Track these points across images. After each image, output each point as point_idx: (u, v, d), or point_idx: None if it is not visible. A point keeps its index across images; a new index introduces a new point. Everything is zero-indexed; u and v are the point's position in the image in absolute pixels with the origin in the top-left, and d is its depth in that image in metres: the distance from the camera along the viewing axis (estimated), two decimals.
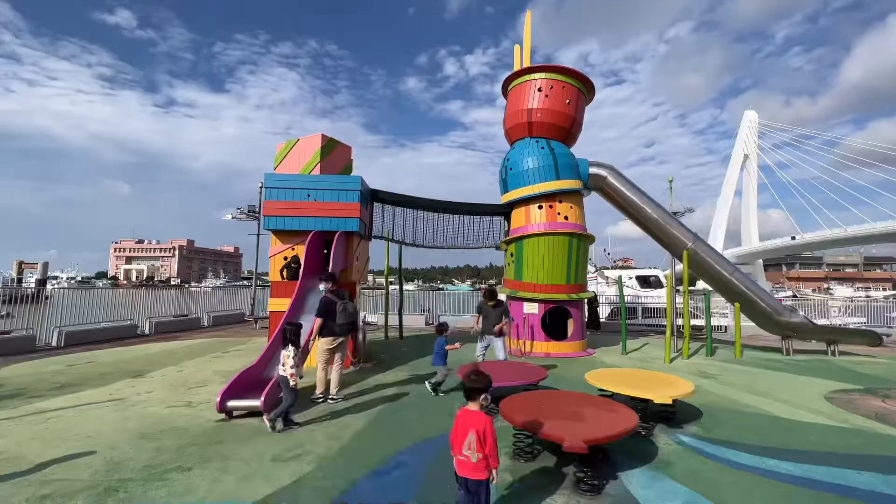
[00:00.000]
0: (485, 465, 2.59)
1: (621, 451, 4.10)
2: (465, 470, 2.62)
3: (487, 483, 2.64)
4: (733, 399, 6.20)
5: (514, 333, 9.96)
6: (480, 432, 2.59)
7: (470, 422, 2.65)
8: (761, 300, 10.18)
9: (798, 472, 3.77)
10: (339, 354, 5.92)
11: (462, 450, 2.62)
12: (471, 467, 2.60)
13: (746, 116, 68.26)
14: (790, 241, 62.11)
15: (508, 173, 10.37)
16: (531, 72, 10.14)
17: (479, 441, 2.57)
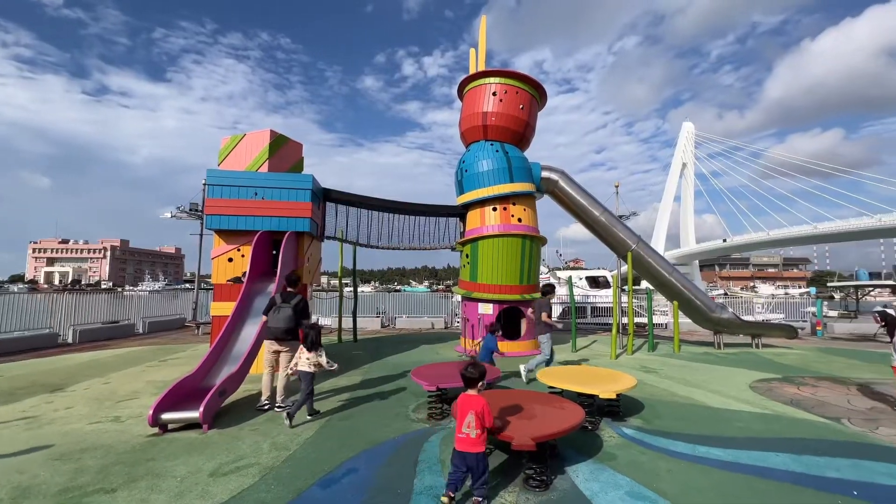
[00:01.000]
0: (482, 441, 3.11)
1: (569, 446, 4.23)
2: (464, 445, 3.09)
3: (485, 456, 3.10)
4: (671, 391, 6.61)
5: (468, 333, 10.04)
6: (479, 412, 3.14)
7: (470, 404, 3.19)
8: (696, 298, 10.95)
9: (726, 457, 4.06)
10: (285, 359, 5.65)
11: (462, 428, 3.12)
12: (470, 442, 3.09)
13: (684, 127, 73.55)
14: (722, 243, 67.75)
15: (464, 175, 10.45)
16: (486, 76, 10.29)
17: (478, 419, 3.10)
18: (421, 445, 4.31)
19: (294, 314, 5.54)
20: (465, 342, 10.20)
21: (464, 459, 3.08)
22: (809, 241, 61.87)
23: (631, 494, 3.32)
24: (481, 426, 3.13)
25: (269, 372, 5.64)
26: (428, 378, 5.31)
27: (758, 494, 3.34)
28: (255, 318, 6.58)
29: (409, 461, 3.93)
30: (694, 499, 3.26)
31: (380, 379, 7.32)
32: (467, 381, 3.37)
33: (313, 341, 5.15)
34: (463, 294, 10.30)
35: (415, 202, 11.13)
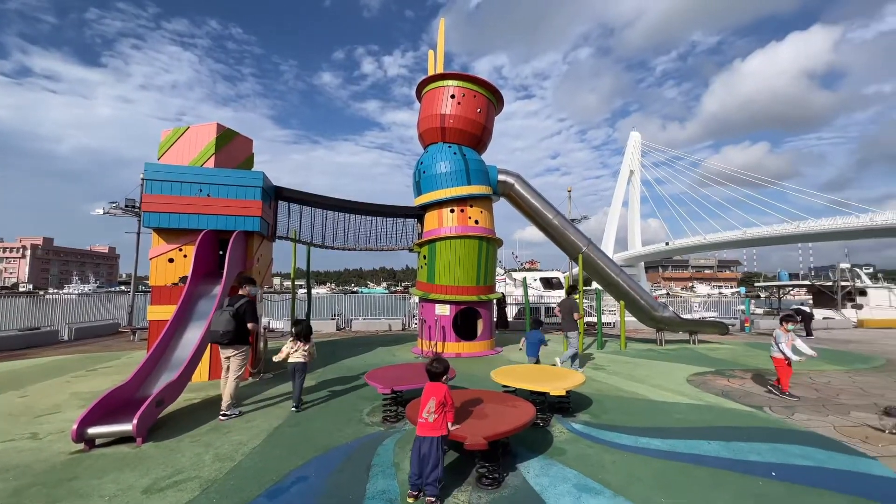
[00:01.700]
0: (439, 425, 3.27)
1: (521, 443, 4.34)
2: (423, 430, 3.26)
3: (440, 443, 3.24)
4: (618, 387, 6.95)
5: (425, 335, 10.03)
6: (440, 398, 3.32)
7: (432, 391, 3.37)
8: (641, 298, 11.61)
9: (665, 447, 4.33)
10: (233, 364, 5.40)
11: (422, 413, 3.29)
12: (429, 427, 3.26)
13: (632, 137, 77.79)
14: (665, 246, 72.36)
15: (422, 176, 10.44)
16: (445, 78, 10.35)
17: (438, 405, 3.29)
18: (375, 449, 4.25)
19: (233, 318, 5.34)
20: (422, 343, 10.19)
21: (419, 448, 3.21)
22: (739, 245, 67.53)
23: (578, 487, 3.46)
24: (441, 411, 3.29)
25: (224, 376, 5.43)
26: (383, 381, 5.24)
27: (692, 480, 3.58)
28: (199, 322, 6.20)
29: (361, 466, 3.85)
30: (635, 487, 3.45)
31: (333, 383, 7.14)
32: (432, 375, 3.51)
33: (305, 334, 5.71)
34: (420, 295, 10.28)
35: (372, 202, 10.98)
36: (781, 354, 6.50)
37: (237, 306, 5.45)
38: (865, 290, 22.81)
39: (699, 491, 3.40)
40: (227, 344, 5.35)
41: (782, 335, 6.63)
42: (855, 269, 26.97)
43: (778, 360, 6.56)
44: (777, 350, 6.57)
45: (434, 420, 3.27)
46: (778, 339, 6.61)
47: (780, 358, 6.52)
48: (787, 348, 6.47)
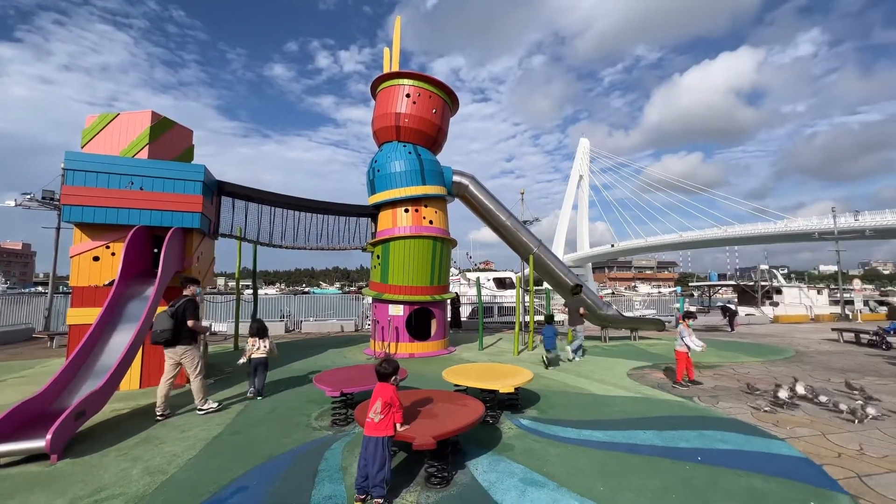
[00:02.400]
0: (385, 426, 3.26)
1: (470, 441, 4.39)
2: (370, 430, 3.25)
3: (386, 444, 3.23)
4: (564, 382, 7.24)
5: (378, 335, 9.90)
6: (387, 399, 3.31)
7: (380, 392, 3.36)
8: (587, 297, 12.16)
9: (605, 438, 4.57)
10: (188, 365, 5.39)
11: (369, 413, 3.29)
12: (374, 426, 3.24)
13: (581, 143, 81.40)
14: (610, 248, 76.49)
15: (376, 175, 10.30)
16: (400, 77, 10.27)
17: (384, 406, 3.28)
18: (322, 454, 4.13)
19: (171, 317, 5.28)
20: (375, 344, 10.05)
21: (366, 449, 3.20)
22: (676, 248, 72.77)
23: (524, 481, 3.56)
24: (388, 412, 3.29)
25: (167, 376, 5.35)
26: (332, 383, 5.11)
27: (628, 468, 3.81)
28: (129, 325, 5.73)
29: (307, 472, 3.73)
30: (577, 478, 3.61)
31: (280, 387, 6.85)
32: (381, 375, 3.47)
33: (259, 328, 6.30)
34: (373, 295, 10.13)
35: (325, 200, 10.68)
36: (685, 348, 7.11)
37: (177, 306, 5.40)
38: (780, 289, 25.36)
39: (634, 477, 3.61)
40: (169, 344, 5.27)
41: (685, 330, 7.27)
42: (772, 270, 29.89)
43: (681, 353, 7.14)
44: (681, 344, 7.15)
45: (380, 421, 3.26)
46: (682, 334, 7.21)
47: (684, 351, 7.13)
48: (691, 341, 7.10)
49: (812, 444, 4.42)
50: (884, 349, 11.23)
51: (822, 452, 4.20)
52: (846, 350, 11.29)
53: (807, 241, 48.56)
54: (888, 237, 48.65)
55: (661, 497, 3.29)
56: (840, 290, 25.47)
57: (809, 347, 11.72)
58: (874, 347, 11.56)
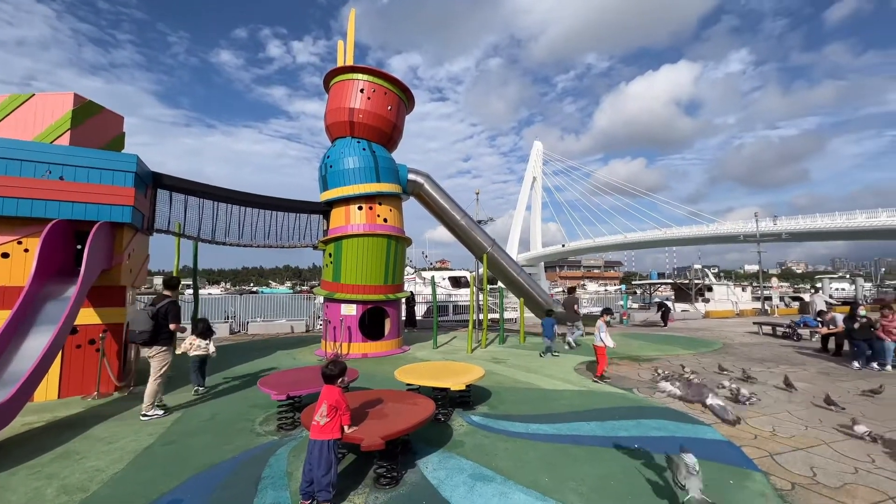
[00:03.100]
0: (331, 429, 3.21)
1: (422, 439, 4.39)
2: (315, 433, 3.18)
3: (331, 447, 3.16)
4: (515, 378, 7.43)
5: (330, 336, 9.65)
6: (333, 402, 3.27)
7: (326, 395, 3.31)
8: (538, 296, 12.57)
9: (551, 430, 4.74)
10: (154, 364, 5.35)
11: (315, 416, 3.24)
12: (319, 430, 3.18)
13: (535, 146, 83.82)
14: (561, 248, 79.43)
15: (329, 171, 10.02)
16: (355, 71, 10.05)
17: (330, 409, 3.24)
18: (266, 461, 3.96)
19: (153, 318, 5.32)
20: (326, 345, 9.79)
21: (311, 453, 3.14)
22: (621, 248, 77.02)
23: (473, 476, 3.61)
24: (334, 415, 3.24)
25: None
26: (277, 386, 4.91)
27: (572, 459, 3.97)
28: (44, 329, 5.18)
29: (249, 480, 3.56)
30: (524, 470, 3.71)
31: (222, 392, 6.50)
32: (328, 377, 3.40)
33: (204, 329, 6.59)
34: (325, 295, 9.86)
35: (276, 196, 10.23)
36: (602, 343, 7.33)
37: (158, 307, 5.40)
38: (711, 286, 27.56)
39: (577, 467, 3.78)
40: (146, 344, 5.31)
41: (604, 326, 7.49)
42: (705, 270, 32.42)
43: (600, 347, 7.36)
44: (599, 339, 7.37)
45: (326, 424, 3.21)
46: (601, 330, 7.43)
47: (602, 346, 7.34)
48: (607, 337, 7.34)
49: (733, 428, 4.84)
50: (795, 340, 12.52)
51: (741, 435, 4.61)
52: (765, 342, 12.48)
53: (734, 242, 53.10)
54: (801, 240, 54.40)
55: (600, 484, 3.46)
56: (760, 287, 28.12)
57: (734, 340, 12.82)
58: (787, 339, 12.86)
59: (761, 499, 3.24)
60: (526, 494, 3.30)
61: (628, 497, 3.27)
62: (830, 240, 54.15)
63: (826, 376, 7.70)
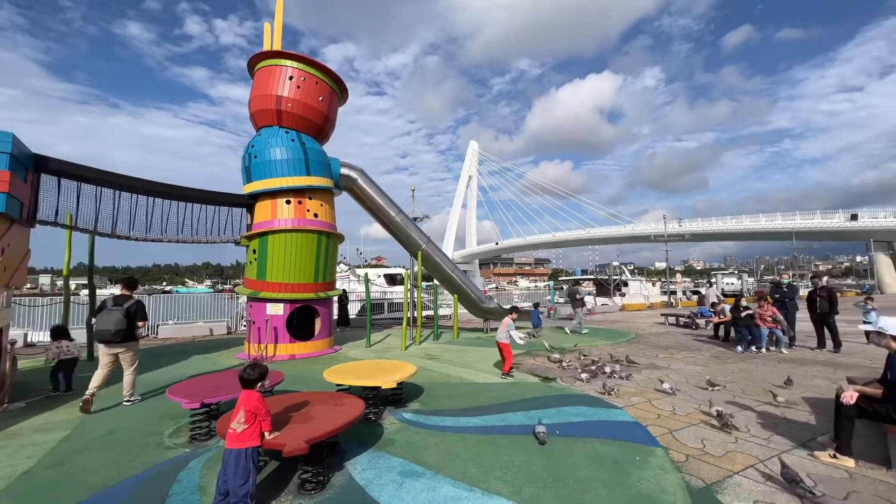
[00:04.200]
0: (249, 436, 3.03)
1: (351, 440, 4.29)
2: (232, 441, 2.99)
3: (248, 455, 2.97)
4: (447, 373, 7.54)
5: (254, 337, 9.08)
6: (251, 408, 3.08)
7: (243, 400, 3.13)
8: (472, 292, 12.87)
9: (480, 423, 4.89)
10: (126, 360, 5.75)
11: (231, 424, 3.04)
12: (236, 438, 3.00)
13: (471, 146, 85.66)
14: (495, 245, 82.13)
15: (253, 162, 9.38)
16: (283, 57, 9.50)
17: (248, 415, 3.05)
18: (175, 476, 3.62)
19: (125, 317, 5.54)
20: (250, 347, 9.19)
21: (227, 463, 2.95)
22: (550, 246, 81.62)
23: (402, 473, 3.60)
24: (253, 421, 3.08)
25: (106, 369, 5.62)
26: (191, 394, 4.50)
27: (498, 448, 4.13)
28: None
29: (154, 498, 3.23)
30: (453, 463, 3.78)
31: (122, 405, 5.82)
32: (246, 382, 3.23)
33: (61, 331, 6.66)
34: (248, 294, 9.24)
35: (194, 187, 9.37)
36: (508, 340, 7.39)
37: (127, 306, 5.59)
38: (627, 282, 30.16)
39: (503, 456, 3.93)
40: (122, 341, 5.58)
41: (512, 323, 7.57)
42: (622, 266, 35.40)
43: (505, 344, 7.39)
44: (505, 336, 7.39)
45: (243, 431, 3.03)
46: (510, 326, 7.48)
47: (507, 343, 7.40)
48: (516, 334, 7.47)
49: (641, 410, 5.35)
50: (693, 329, 14.14)
51: (647, 416, 5.11)
52: (670, 331, 13.93)
53: (646, 242, 58.65)
54: (700, 240, 61.55)
55: (524, 470, 3.64)
56: (667, 282, 31.37)
57: (645, 330, 14.16)
58: (688, 328, 14.48)
59: (661, 471, 3.61)
60: (454, 486, 3.36)
61: (548, 479, 3.47)
62: (723, 240, 62.07)
63: (717, 359, 8.79)
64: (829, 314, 9.61)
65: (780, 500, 3.16)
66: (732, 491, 3.30)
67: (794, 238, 46.51)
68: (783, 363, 8.25)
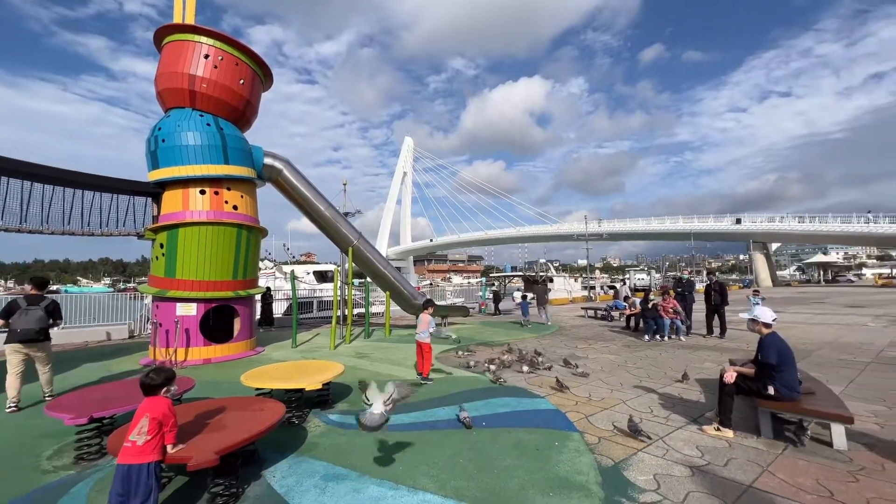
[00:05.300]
0: (153, 448, 2.70)
1: (271, 446, 4.05)
2: (129, 456, 2.64)
3: (151, 471, 2.67)
4: (378, 371, 7.42)
5: (161, 341, 8.21)
6: (158, 416, 2.75)
7: (148, 408, 2.77)
8: (404, 289, 12.79)
9: (410, 419, 4.87)
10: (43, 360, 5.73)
11: (129, 436, 2.69)
12: (136, 451, 2.65)
13: (406, 141, 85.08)
14: (429, 242, 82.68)
15: (160, 146, 8.44)
16: (198, 32, 8.64)
17: (153, 424, 2.72)
18: (55, 502, 3.14)
19: (46, 315, 5.60)
20: (156, 352, 8.29)
21: (122, 481, 2.61)
22: (483, 243, 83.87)
23: (325, 477, 3.47)
24: (157, 431, 2.76)
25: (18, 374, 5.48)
26: (77, 408, 3.93)
27: (426, 444, 4.14)
28: None
29: None
30: (379, 462, 3.72)
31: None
32: (149, 388, 2.92)
33: None
34: (154, 293, 8.32)
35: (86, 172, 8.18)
36: (429, 339, 6.75)
37: (44, 305, 5.62)
38: (553, 278, 32.00)
39: (430, 451, 3.95)
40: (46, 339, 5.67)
41: (432, 320, 6.93)
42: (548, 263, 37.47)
43: (427, 344, 6.73)
44: (426, 335, 6.75)
45: (146, 443, 2.70)
46: (431, 325, 6.83)
47: (428, 342, 6.74)
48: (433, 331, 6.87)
49: (562, 398, 5.69)
50: (609, 321, 15.40)
51: (566, 403, 5.45)
52: (589, 324, 15.03)
53: (570, 240, 62.76)
54: (616, 239, 67.28)
55: (450, 463, 3.69)
56: (588, 278, 33.83)
57: (567, 323, 15.13)
58: (604, 320, 15.73)
59: (576, 454, 3.87)
60: (379, 486, 3.31)
61: (474, 471, 3.55)
62: (636, 240, 68.39)
63: (628, 348, 9.64)
64: (721, 305, 11.00)
65: (675, 471, 3.54)
66: (636, 467, 3.63)
67: (692, 238, 52.56)
68: (681, 349, 9.28)
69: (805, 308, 19.08)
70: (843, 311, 17.40)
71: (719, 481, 3.36)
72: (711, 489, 3.24)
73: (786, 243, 77.56)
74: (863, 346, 9.19)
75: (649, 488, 3.27)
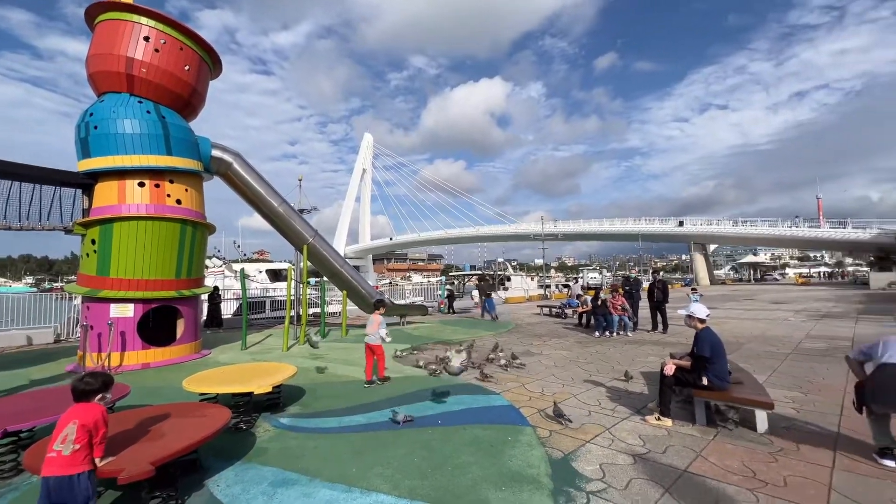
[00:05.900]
0: (81, 459, 2.45)
1: (215, 454, 3.84)
2: (51, 468, 2.38)
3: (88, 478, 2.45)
4: (333, 373, 7.25)
5: (92, 346, 7.57)
6: (89, 424, 2.50)
7: (76, 414, 2.52)
8: (361, 287, 12.58)
9: (364, 420, 4.79)
10: None
11: (53, 445, 2.42)
12: (63, 462, 2.39)
13: (366, 138, 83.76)
14: (389, 241, 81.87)
15: (92, 133, 7.77)
16: (136, 12, 8.03)
17: (81, 432, 2.45)
18: None
19: None
20: (87, 357, 7.62)
21: (52, 494, 2.35)
22: (442, 242, 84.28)
23: (274, 483, 3.34)
24: (86, 440, 2.48)
25: None
26: None
27: (380, 444, 4.09)
28: None
29: None
30: (331, 466, 3.63)
31: None
32: (82, 394, 2.65)
33: None
34: (85, 293, 7.65)
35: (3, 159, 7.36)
36: (380, 341, 6.41)
37: None
38: (510, 276, 32.70)
39: (384, 451, 3.91)
40: None
41: (384, 321, 6.56)
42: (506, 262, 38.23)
43: (377, 346, 6.43)
44: (375, 338, 6.43)
45: (73, 452, 2.42)
46: (382, 326, 6.47)
47: (380, 344, 6.44)
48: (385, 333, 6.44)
49: (516, 394, 5.83)
50: (563, 318, 15.95)
51: (520, 399, 5.59)
52: (544, 321, 15.49)
53: (528, 240, 64.28)
54: (571, 240, 69.83)
55: (404, 463, 3.67)
56: (544, 277, 34.87)
57: (524, 321, 15.52)
58: (558, 317, 16.28)
59: (528, 448, 3.97)
60: (331, 490, 3.23)
61: (428, 469, 3.56)
62: (589, 240, 71.24)
63: (580, 344, 10.04)
64: (663, 302, 11.70)
65: (619, 460, 3.73)
66: (584, 458, 3.79)
67: (640, 239, 55.60)
68: (628, 345, 9.80)
69: (737, 304, 20.75)
70: (769, 307, 19.09)
71: (658, 467, 3.58)
72: (651, 475, 3.44)
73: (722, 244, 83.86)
74: (784, 338, 10.14)
75: (595, 477, 3.42)
